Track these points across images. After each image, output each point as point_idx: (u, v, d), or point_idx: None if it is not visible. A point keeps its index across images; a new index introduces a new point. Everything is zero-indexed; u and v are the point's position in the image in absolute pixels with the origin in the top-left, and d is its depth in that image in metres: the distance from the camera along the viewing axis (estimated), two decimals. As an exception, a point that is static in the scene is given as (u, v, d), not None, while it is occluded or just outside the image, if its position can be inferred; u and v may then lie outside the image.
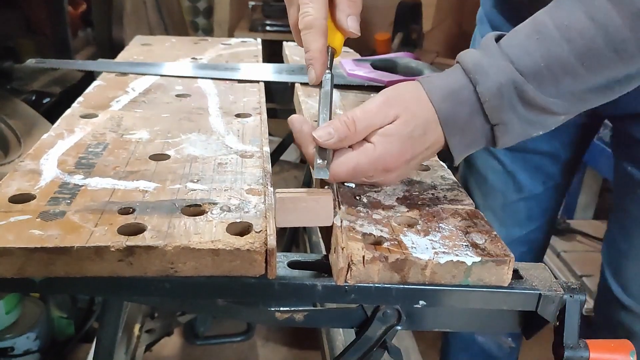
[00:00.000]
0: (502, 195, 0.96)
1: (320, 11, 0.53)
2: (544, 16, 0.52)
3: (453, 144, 0.53)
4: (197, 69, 0.98)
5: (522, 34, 0.52)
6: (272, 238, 0.47)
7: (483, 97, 0.51)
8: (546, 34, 0.51)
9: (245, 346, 1.59)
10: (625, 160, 0.80)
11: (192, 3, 3.15)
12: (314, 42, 0.54)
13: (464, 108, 0.52)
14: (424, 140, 0.53)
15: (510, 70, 0.51)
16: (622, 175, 0.81)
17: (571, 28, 0.50)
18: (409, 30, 2.72)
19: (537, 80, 0.51)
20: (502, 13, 0.86)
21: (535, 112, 0.52)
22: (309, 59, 0.54)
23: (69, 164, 0.59)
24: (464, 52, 0.55)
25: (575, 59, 0.50)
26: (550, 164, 0.93)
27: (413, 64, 0.92)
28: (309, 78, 0.55)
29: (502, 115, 0.52)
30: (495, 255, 0.48)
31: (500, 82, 0.51)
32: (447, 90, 0.53)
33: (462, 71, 0.53)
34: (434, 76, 0.55)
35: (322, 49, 0.54)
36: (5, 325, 1.27)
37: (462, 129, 0.53)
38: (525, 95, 0.51)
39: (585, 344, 0.50)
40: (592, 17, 0.49)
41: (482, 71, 0.51)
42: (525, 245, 1.01)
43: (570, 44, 0.50)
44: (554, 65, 0.50)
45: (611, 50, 0.49)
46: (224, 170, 0.60)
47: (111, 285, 0.47)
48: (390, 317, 0.52)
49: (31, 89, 1.54)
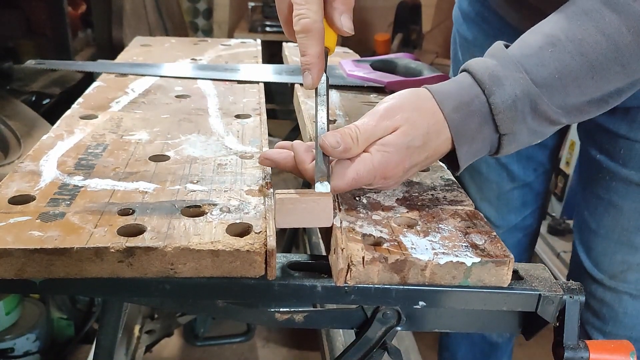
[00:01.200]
0: (496, 186, 0.99)
1: (317, 13, 0.51)
2: (554, 29, 0.52)
3: (461, 153, 0.54)
4: (196, 69, 0.98)
5: (534, 45, 0.52)
6: (272, 239, 0.47)
7: (497, 108, 0.51)
8: (561, 47, 0.51)
9: (245, 347, 1.59)
10: (589, 145, 0.83)
11: (192, 4, 3.15)
12: (312, 46, 0.52)
13: (475, 118, 0.52)
14: (422, 150, 0.53)
15: (525, 82, 0.51)
16: (587, 160, 0.85)
17: (584, 42, 0.51)
18: (408, 31, 2.73)
19: (549, 91, 0.51)
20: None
21: (542, 123, 0.53)
22: (306, 64, 0.53)
23: (68, 165, 0.59)
24: (474, 60, 0.54)
25: (587, 71, 0.51)
26: (540, 153, 0.96)
27: (412, 64, 0.92)
28: (304, 82, 0.53)
29: (514, 126, 0.52)
30: (495, 256, 0.48)
31: (516, 94, 0.51)
32: (458, 101, 0.52)
33: (473, 81, 0.53)
34: (442, 85, 0.55)
35: (319, 54, 0.52)
36: (5, 327, 1.27)
37: (472, 139, 0.53)
38: (538, 107, 0.52)
39: (585, 345, 0.50)
40: (604, 32, 0.50)
41: (498, 82, 0.52)
42: (521, 232, 1.04)
43: (583, 58, 0.51)
44: (566, 77, 0.51)
45: (619, 64, 0.51)
46: (224, 171, 0.60)
47: (111, 286, 0.47)
48: (390, 318, 0.52)
49: (31, 89, 1.54)
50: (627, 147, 0.77)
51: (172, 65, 1.00)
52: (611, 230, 0.82)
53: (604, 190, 0.81)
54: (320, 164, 0.51)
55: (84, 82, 1.08)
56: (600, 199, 0.82)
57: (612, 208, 0.81)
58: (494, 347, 1.14)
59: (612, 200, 0.80)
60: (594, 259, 0.85)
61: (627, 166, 0.77)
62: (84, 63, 1.11)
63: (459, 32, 0.96)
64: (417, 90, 0.55)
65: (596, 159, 0.81)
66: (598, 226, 0.84)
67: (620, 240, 0.81)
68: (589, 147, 0.84)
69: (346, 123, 0.73)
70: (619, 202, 0.79)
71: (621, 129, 0.76)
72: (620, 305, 0.84)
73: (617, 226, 0.81)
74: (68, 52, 1.83)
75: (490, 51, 0.55)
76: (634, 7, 0.50)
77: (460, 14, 0.96)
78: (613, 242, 0.82)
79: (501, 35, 0.56)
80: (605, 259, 0.84)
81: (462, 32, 0.95)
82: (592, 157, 0.82)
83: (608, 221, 0.82)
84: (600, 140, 0.81)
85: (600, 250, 0.84)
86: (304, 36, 0.51)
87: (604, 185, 0.81)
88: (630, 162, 0.77)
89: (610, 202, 0.81)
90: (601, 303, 0.85)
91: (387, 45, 2.71)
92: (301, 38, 0.52)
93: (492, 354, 1.15)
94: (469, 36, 0.93)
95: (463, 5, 0.94)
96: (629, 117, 0.75)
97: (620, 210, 0.80)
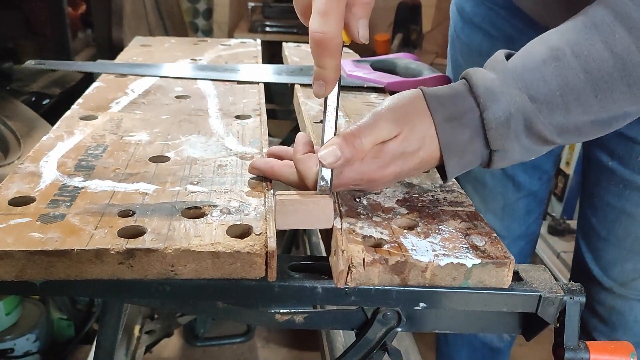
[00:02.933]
0: (502, 197, 0.97)
1: (335, 29, 0.45)
2: (560, 42, 0.50)
3: (450, 166, 0.52)
4: (196, 70, 0.98)
5: (537, 58, 0.50)
6: (272, 240, 0.47)
7: (489, 124, 0.50)
8: (564, 63, 0.49)
9: (245, 347, 1.59)
10: (599, 151, 0.81)
11: (192, 4, 3.15)
12: (328, 61, 0.46)
13: (466, 131, 0.51)
14: (417, 156, 0.51)
15: (522, 100, 0.50)
16: (595, 165, 0.82)
17: (590, 58, 0.48)
18: (408, 31, 2.72)
19: (549, 108, 0.50)
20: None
21: (536, 142, 0.52)
22: (320, 76, 0.48)
23: (68, 166, 0.59)
24: (473, 70, 0.53)
25: (590, 90, 0.49)
26: (546, 161, 0.95)
27: (413, 64, 0.92)
28: (315, 91, 0.49)
29: (505, 143, 0.51)
30: (496, 257, 0.48)
31: (510, 112, 0.50)
32: (451, 111, 0.51)
33: (469, 92, 0.52)
34: (439, 91, 0.53)
35: (336, 68, 0.47)
36: (5, 327, 1.27)
37: (462, 151, 0.52)
38: (532, 126, 0.50)
39: (586, 346, 0.50)
40: (612, 49, 0.48)
41: (493, 98, 0.50)
42: (524, 239, 1.03)
43: (587, 75, 0.49)
44: (568, 94, 0.49)
45: (625, 85, 0.49)
46: (224, 172, 0.60)
47: (111, 288, 0.47)
48: (390, 319, 0.52)
49: (31, 90, 1.54)
50: None
51: (172, 65, 1.00)
52: (623, 239, 0.79)
53: (615, 197, 0.79)
54: (324, 174, 0.50)
55: (84, 83, 1.08)
56: (612, 206, 0.80)
57: (624, 216, 0.78)
58: (494, 352, 1.13)
59: (625, 208, 0.78)
60: (603, 267, 0.83)
61: None
62: (84, 63, 1.11)
63: (459, 37, 0.93)
64: (415, 92, 0.53)
65: (607, 166, 0.79)
66: (609, 234, 0.81)
67: (633, 248, 0.79)
68: (597, 152, 0.81)
69: (346, 123, 0.73)
70: (632, 210, 0.77)
71: (639, 135, 0.73)
72: (630, 312, 0.82)
73: (630, 234, 0.78)
74: (68, 52, 1.83)
75: (490, 63, 0.53)
76: None
77: (460, 16, 0.92)
78: (625, 250, 0.80)
79: (510, 42, 0.53)
80: (615, 266, 0.81)
81: (463, 37, 0.92)
82: (602, 164, 0.80)
83: (620, 229, 0.79)
84: (612, 146, 0.78)
85: (610, 258, 0.82)
86: (319, 50, 0.46)
87: (615, 192, 0.79)
88: None
89: (622, 211, 0.78)
90: (610, 311, 0.83)
91: (387, 45, 2.71)
92: (316, 51, 0.47)
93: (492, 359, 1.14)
94: (472, 43, 0.90)
95: (465, 8, 0.90)
96: None
97: (633, 219, 0.77)
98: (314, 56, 0.47)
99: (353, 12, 0.47)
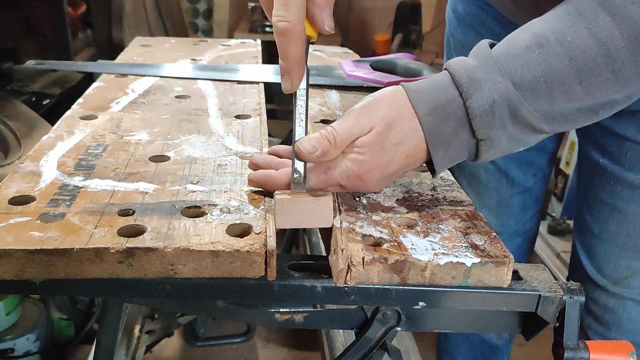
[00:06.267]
0: (496, 193, 0.98)
1: (297, 15, 0.46)
2: (544, 29, 0.50)
3: (437, 158, 0.52)
4: (196, 70, 0.98)
5: (521, 45, 0.50)
6: (272, 239, 0.47)
7: (473, 112, 0.50)
8: (548, 49, 0.49)
9: (245, 347, 1.59)
10: (591, 148, 0.81)
11: (192, 4, 3.15)
12: (292, 50, 0.48)
13: (450, 122, 0.51)
14: (400, 150, 0.51)
15: (505, 87, 0.49)
16: (588, 162, 0.83)
17: (574, 44, 0.48)
18: (408, 31, 2.73)
19: (534, 95, 0.49)
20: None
21: (523, 130, 0.51)
22: (286, 69, 0.49)
23: (68, 166, 0.59)
24: (454, 60, 0.53)
25: (574, 76, 0.49)
26: (539, 157, 0.95)
27: (412, 64, 0.92)
28: (283, 87, 0.50)
29: (491, 131, 0.50)
30: (495, 257, 0.48)
31: (494, 99, 0.49)
32: (434, 103, 0.51)
33: (451, 82, 0.51)
34: (421, 84, 0.53)
35: (299, 58, 0.48)
36: (6, 327, 1.27)
37: (448, 143, 0.51)
38: (517, 113, 0.50)
39: (585, 345, 0.50)
40: (595, 36, 0.48)
41: (476, 85, 0.50)
42: (521, 236, 1.03)
43: (571, 61, 0.48)
44: (552, 81, 0.49)
45: (609, 71, 0.48)
46: (224, 172, 0.60)
47: (111, 287, 0.47)
48: (390, 318, 0.52)
49: (31, 90, 1.54)
50: (635, 151, 0.74)
51: (172, 65, 1.00)
52: (615, 236, 0.80)
53: (607, 194, 0.79)
54: (297, 166, 0.51)
55: (84, 83, 1.08)
56: (604, 203, 0.80)
57: (616, 213, 0.79)
58: (494, 350, 1.14)
59: (617, 205, 0.78)
60: (597, 264, 0.83)
61: (634, 170, 0.75)
62: (84, 63, 1.11)
63: (454, 35, 0.94)
64: (395, 88, 0.53)
65: (599, 163, 0.79)
66: (601, 231, 0.82)
67: (625, 245, 0.79)
68: (590, 150, 0.82)
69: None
70: (623, 207, 0.78)
71: (628, 132, 0.74)
72: (624, 311, 0.82)
73: (621, 231, 0.79)
74: (68, 52, 1.83)
75: (474, 51, 0.53)
76: (631, 11, 0.47)
77: (454, 16, 0.93)
78: (617, 247, 0.80)
79: (499, 39, 0.54)
80: (609, 264, 0.82)
81: (457, 35, 0.93)
82: (594, 161, 0.81)
83: (612, 226, 0.80)
84: (603, 143, 0.78)
85: (603, 255, 0.82)
86: (282, 39, 0.47)
87: (607, 189, 0.79)
88: (637, 167, 0.75)
89: (614, 207, 0.79)
90: (604, 309, 0.84)
91: (387, 46, 2.71)
92: (280, 41, 0.48)
93: (491, 357, 1.15)
94: (464, 40, 0.91)
95: (458, 8, 0.92)
96: (637, 120, 0.73)
97: (625, 216, 0.78)
98: (278, 48, 0.48)
99: (316, 3, 0.48)
